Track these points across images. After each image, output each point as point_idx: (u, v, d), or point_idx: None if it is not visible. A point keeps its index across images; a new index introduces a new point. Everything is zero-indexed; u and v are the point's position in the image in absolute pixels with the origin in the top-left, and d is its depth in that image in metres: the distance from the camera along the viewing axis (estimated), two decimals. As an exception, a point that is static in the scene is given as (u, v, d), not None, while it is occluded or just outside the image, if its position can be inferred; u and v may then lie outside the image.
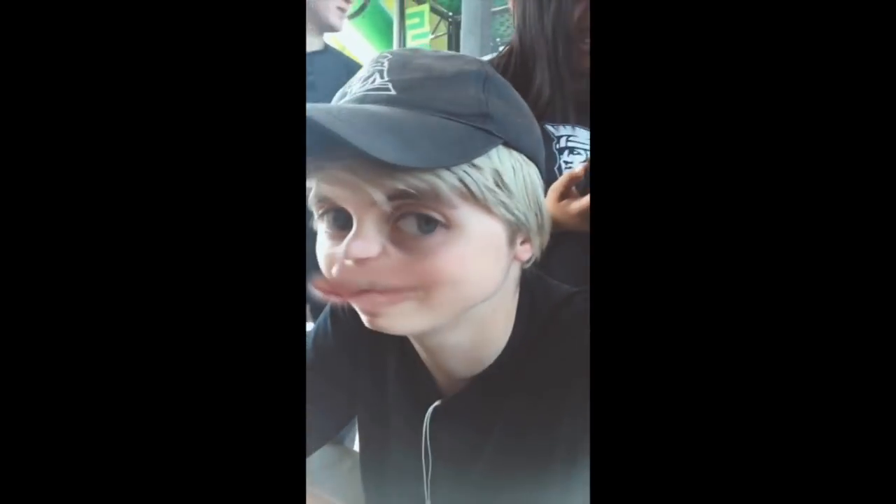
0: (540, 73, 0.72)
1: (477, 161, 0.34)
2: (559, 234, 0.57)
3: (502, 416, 0.44)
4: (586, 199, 0.61)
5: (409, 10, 2.97)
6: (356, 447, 0.59)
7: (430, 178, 0.32)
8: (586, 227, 0.61)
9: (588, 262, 0.32)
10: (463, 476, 0.47)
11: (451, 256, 0.34)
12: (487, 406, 0.45)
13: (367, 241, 0.34)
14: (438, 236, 0.34)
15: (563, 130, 0.70)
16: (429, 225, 0.34)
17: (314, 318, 1.34)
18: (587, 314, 0.42)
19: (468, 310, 0.38)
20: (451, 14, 3.04)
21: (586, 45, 0.70)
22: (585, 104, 0.43)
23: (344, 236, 0.35)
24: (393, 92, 0.35)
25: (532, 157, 0.39)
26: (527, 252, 0.41)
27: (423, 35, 2.87)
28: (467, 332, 0.42)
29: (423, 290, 0.35)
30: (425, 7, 2.97)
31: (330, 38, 1.39)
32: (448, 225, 0.34)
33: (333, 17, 1.30)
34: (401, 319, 0.36)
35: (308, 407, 0.52)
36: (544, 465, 0.42)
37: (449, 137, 0.33)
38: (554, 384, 0.42)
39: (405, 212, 0.34)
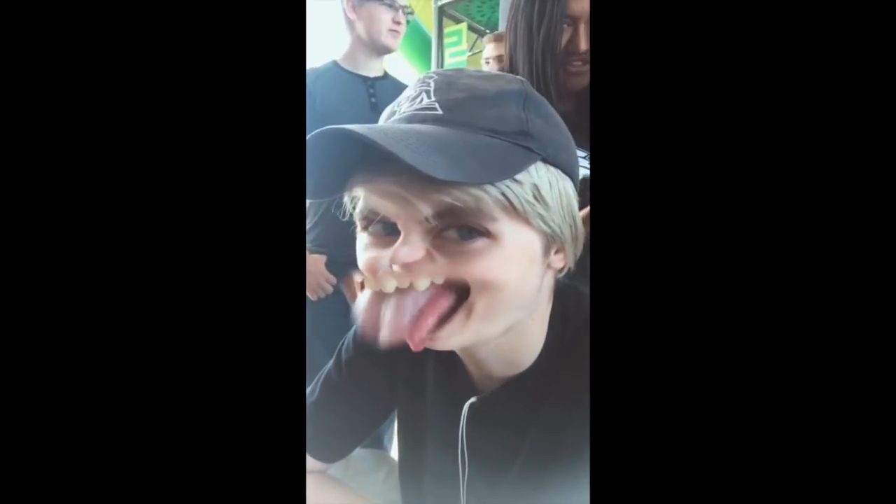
0: None
1: (518, 176, 0.36)
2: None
3: (537, 420, 0.45)
4: (585, 212, 0.63)
5: (447, 30, 3.02)
6: (394, 445, 0.59)
7: (476, 191, 0.35)
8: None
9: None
10: (498, 478, 0.47)
11: (490, 262, 0.36)
12: (522, 408, 0.45)
13: (414, 247, 0.36)
14: (479, 244, 0.36)
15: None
16: (471, 234, 0.36)
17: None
18: None
19: (509, 317, 0.40)
20: (487, 32, 3.07)
21: (574, 67, 0.76)
22: (574, 124, 0.45)
23: (389, 242, 0.37)
24: (440, 111, 0.37)
25: (567, 172, 0.41)
26: (560, 261, 0.42)
27: (460, 53, 2.91)
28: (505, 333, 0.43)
29: (467, 299, 0.37)
30: (463, 26, 3.01)
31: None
32: (489, 235, 0.36)
33: (387, 38, 1.35)
34: (450, 339, 0.38)
35: (347, 401, 0.53)
36: (580, 471, 0.42)
37: (493, 155, 0.35)
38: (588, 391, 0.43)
39: (449, 224, 0.36)
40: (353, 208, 0.40)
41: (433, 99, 0.38)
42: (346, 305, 1.34)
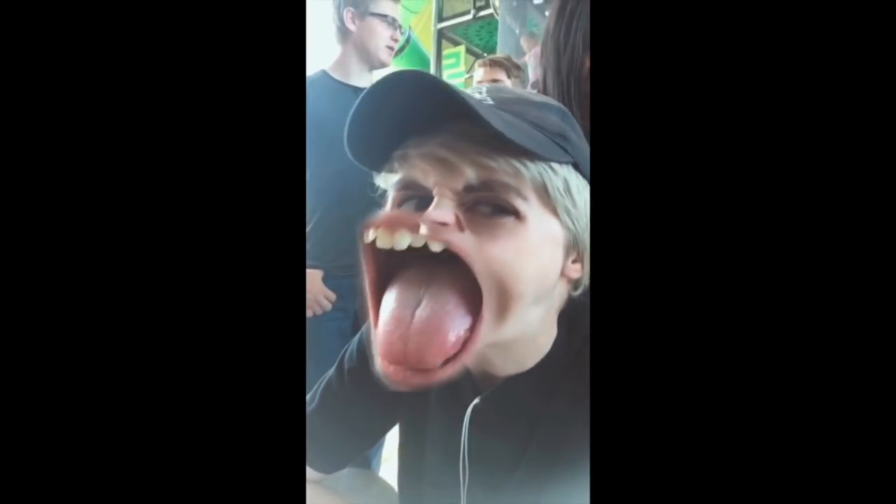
0: None
1: (553, 165, 0.39)
2: None
3: (541, 421, 0.45)
4: None
5: (445, 52, 3.06)
6: (382, 469, 0.58)
7: (517, 164, 0.37)
8: None
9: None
10: (499, 482, 0.47)
11: (514, 242, 0.38)
12: (525, 408, 0.45)
13: (446, 209, 0.37)
14: (507, 222, 0.38)
15: None
16: (501, 212, 0.38)
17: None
18: None
19: (522, 316, 0.40)
20: (485, 55, 3.12)
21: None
22: None
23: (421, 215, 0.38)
24: (491, 102, 0.40)
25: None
26: (577, 272, 0.43)
27: (458, 74, 2.94)
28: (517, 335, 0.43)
29: (488, 296, 0.37)
30: (461, 48, 3.06)
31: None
32: (517, 215, 0.38)
33: (383, 54, 1.37)
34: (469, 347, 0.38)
35: (348, 411, 0.52)
36: (581, 471, 0.41)
37: (537, 137, 0.38)
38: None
39: (483, 198, 0.38)
40: (387, 184, 0.42)
41: (485, 95, 0.41)
42: (345, 322, 1.31)
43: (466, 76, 3.04)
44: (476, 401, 0.47)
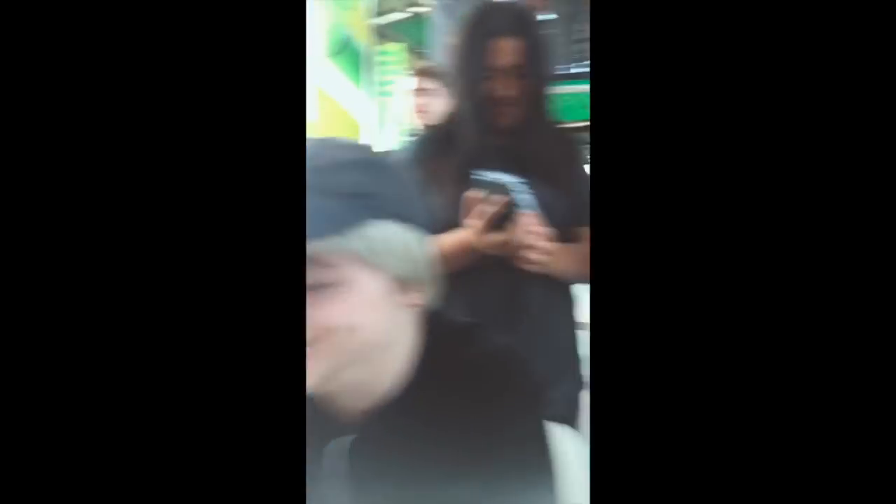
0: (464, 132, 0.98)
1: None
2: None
3: (420, 441, 0.47)
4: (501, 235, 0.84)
5: (383, 48, 3.09)
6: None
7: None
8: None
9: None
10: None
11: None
12: (398, 435, 0.48)
13: None
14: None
15: (492, 175, 0.89)
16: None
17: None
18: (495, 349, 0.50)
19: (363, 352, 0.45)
20: (423, 52, 3.16)
21: (499, 109, 0.95)
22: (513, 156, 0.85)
23: None
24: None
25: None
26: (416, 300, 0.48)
27: (394, 72, 2.99)
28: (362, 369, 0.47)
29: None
30: (400, 46, 3.09)
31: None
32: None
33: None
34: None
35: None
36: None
37: (332, 210, 0.44)
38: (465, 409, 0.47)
39: None
40: None
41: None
42: None
43: (399, 75, 3.07)
44: (352, 437, 0.48)
